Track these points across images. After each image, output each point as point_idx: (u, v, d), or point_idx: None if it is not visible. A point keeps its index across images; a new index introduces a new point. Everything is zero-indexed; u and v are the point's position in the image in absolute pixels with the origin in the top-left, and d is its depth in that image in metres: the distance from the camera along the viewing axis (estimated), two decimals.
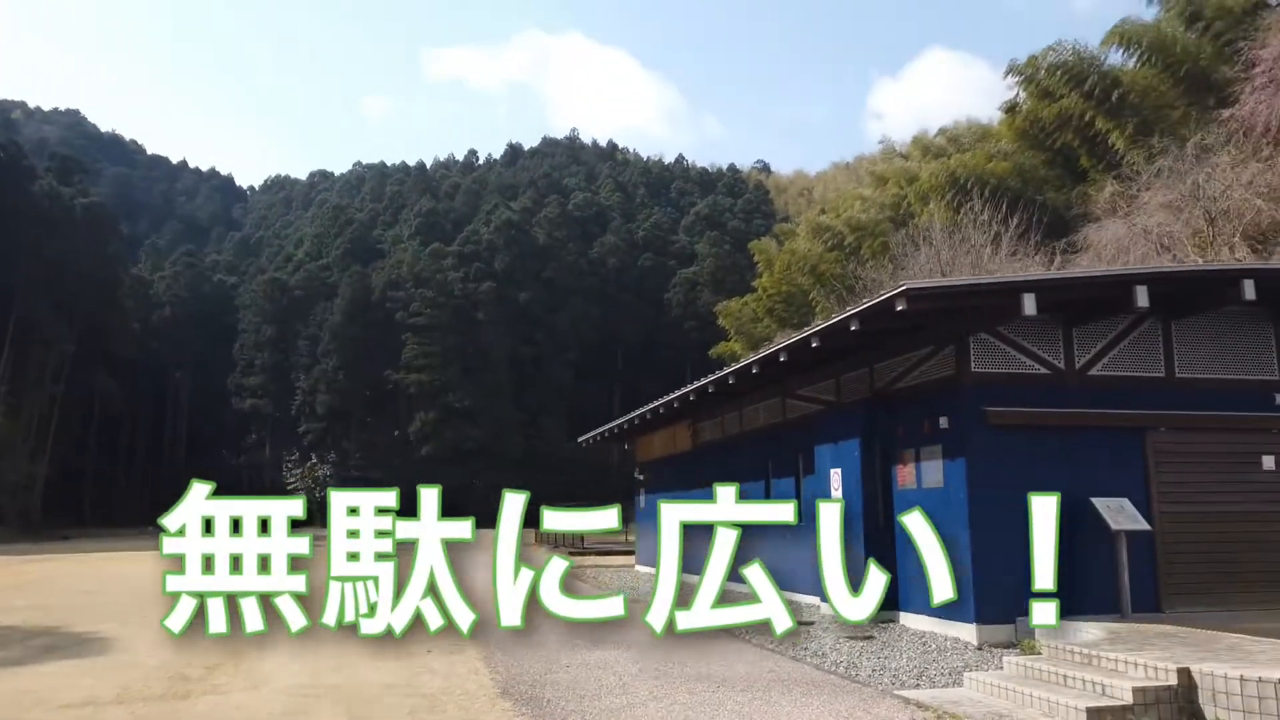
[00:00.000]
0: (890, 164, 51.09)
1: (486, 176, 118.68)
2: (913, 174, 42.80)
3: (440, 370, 78.42)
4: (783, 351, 11.69)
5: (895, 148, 54.83)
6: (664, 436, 21.47)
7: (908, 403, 11.17)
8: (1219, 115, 27.05)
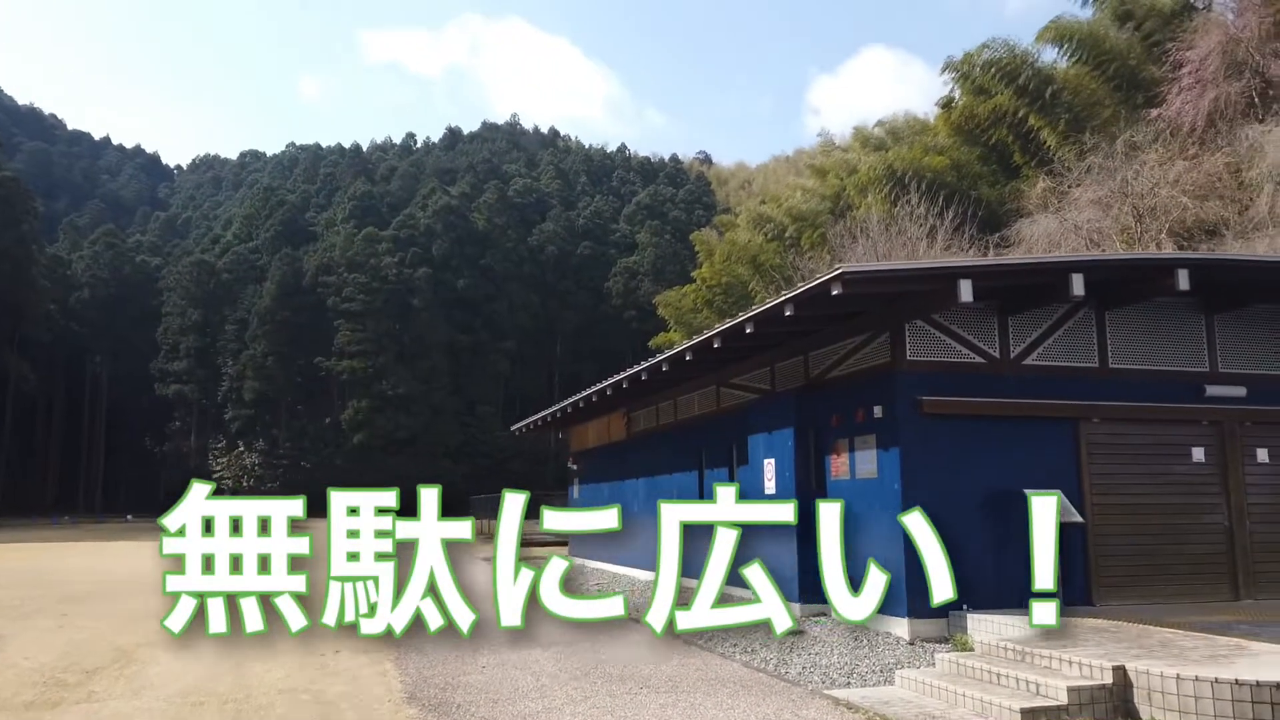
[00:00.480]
0: (830, 156, 51.35)
1: (424, 160, 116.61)
2: (852, 166, 43.00)
3: (374, 357, 76.75)
4: (716, 338, 11.31)
5: (834, 141, 55.18)
6: (598, 426, 21.02)
7: (842, 391, 10.89)
8: (1147, 114, 27.54)
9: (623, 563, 18.70)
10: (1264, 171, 22.90)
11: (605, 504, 19.73)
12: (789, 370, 12.28)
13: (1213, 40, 27.19)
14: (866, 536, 10.15)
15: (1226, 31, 27.39)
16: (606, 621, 7.05)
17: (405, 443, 74.96)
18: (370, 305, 78.40)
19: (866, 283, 8.76)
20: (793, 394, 11.56)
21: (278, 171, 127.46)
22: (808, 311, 9.62)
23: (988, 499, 9.75)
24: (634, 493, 18.20)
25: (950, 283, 8.75)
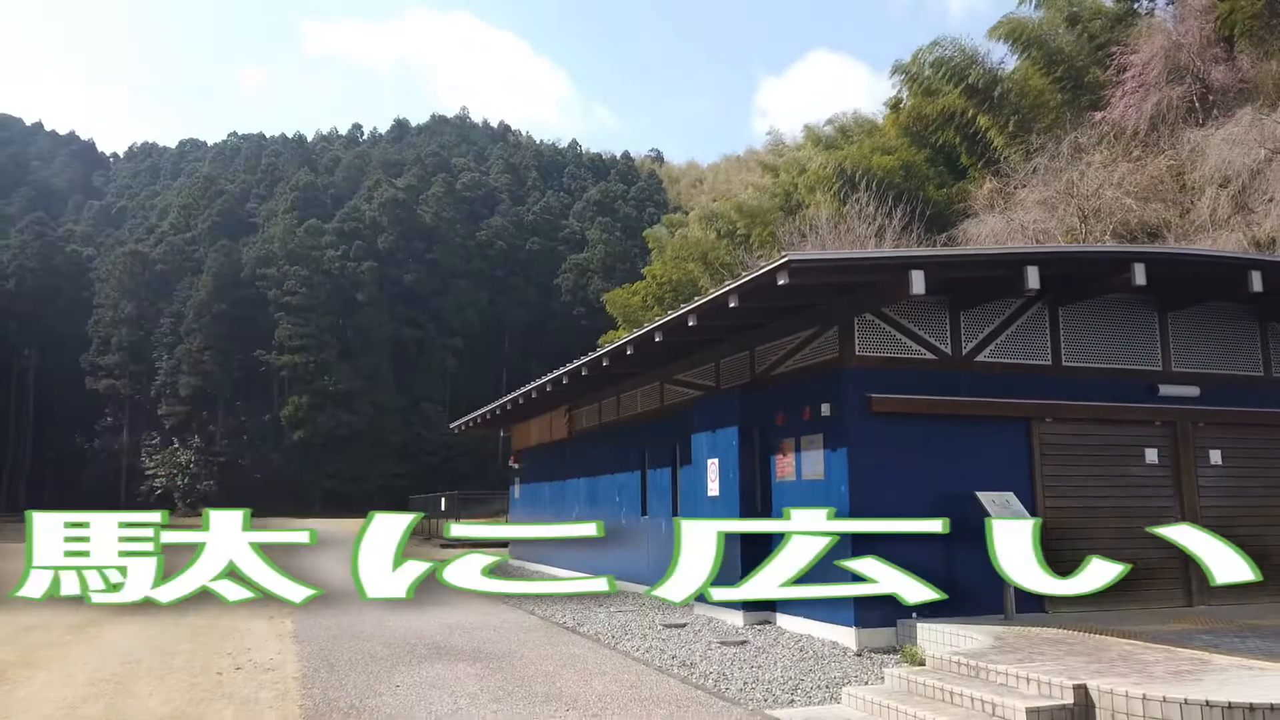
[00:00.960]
0: (781, 155, 51.23)
1: (370, 152, 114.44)
2: (802, 164, 42.83)
3: (315, 352, 74.89)
4: (658, 330, 10.73)
5: (784, 139, 55.12)
6: (541, 423, 20.34)
7: (789, 388, 10.38)
8: (1091, 116, 27.66)
9: (564, 566, 18.05)
10: (1205, 174, 23.04)
11: (546, 505, 19.08)
12: (734, 366, 11.75)
13: (1155, 45, 27.41)
14: None
15: (1169, 37, 27.64)
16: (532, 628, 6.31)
17: (347, 440, 73.29)
18: (312, 299, 76.50)
19: (814, 272, 8.25)
20: (738, 391, 11.04)
21: (219, 161, 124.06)
22: (753, 303, 9.09)
23: (939, 501, 9.29)
24: (575, 494, 17.56)
25: (902, 273, 8.27)
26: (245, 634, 10.62)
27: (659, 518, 13.76)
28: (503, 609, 12.94)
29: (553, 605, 13.35)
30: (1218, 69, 27.41)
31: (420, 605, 14.24)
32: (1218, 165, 22.54)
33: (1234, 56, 27.42)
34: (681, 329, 10.37)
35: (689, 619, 11.23)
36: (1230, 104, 25.43)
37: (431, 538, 33.60)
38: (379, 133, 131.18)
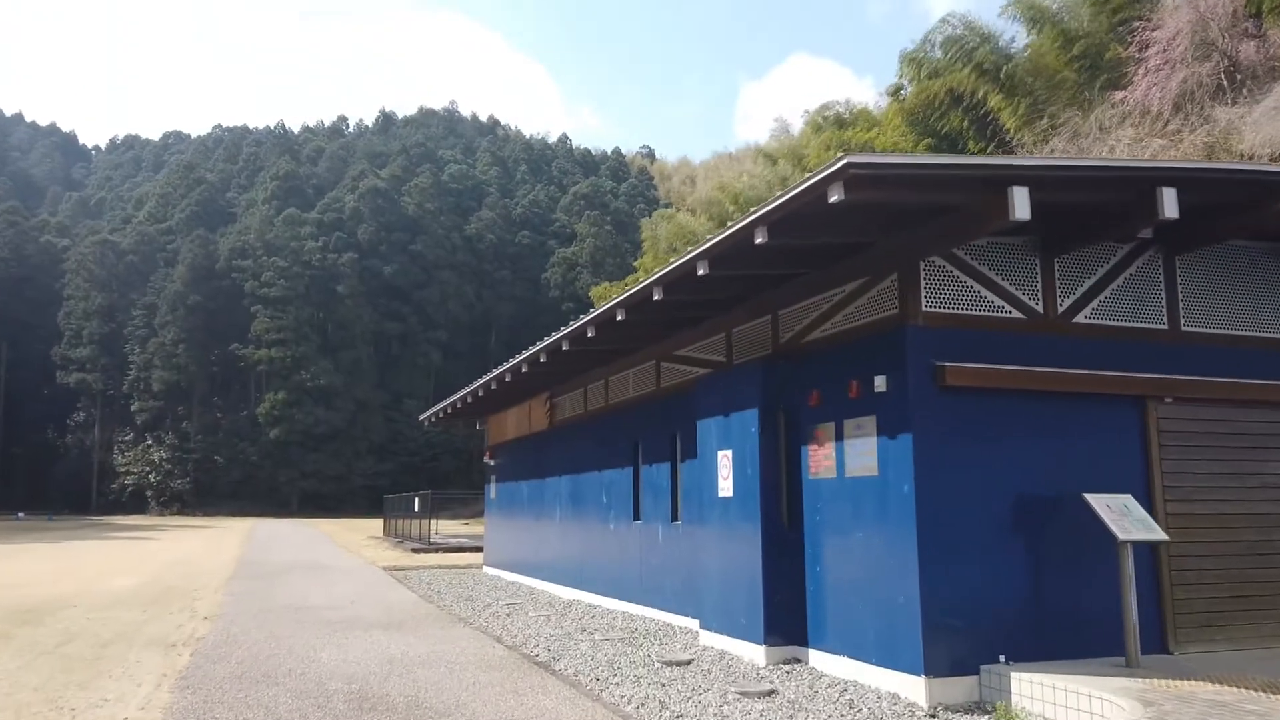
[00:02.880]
0: (781, 143, 49.10)
1: (355, 144, 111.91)
2: (800, 153, 40.66)
3: (294, 346, 72.40)
4: (657, 287, 8.39)
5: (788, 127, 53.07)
6: (518, 414, 17.98)
7: (827, 359, 8.05)
8: (1111, 96, 25.52)
9: (543, 577, 15.69)
10: (1240, 154, 20.92)
11: (525, 506, 16.76)
12: (752, 335, 9.41)
13: (1182, 19, 25.30)
14: (861, 558, 7.33)
15: (1195, 10, 25.56)
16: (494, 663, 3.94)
17: (326, 438, 70.83)
18: (291, 291, 73.98)
19: (882, 184, 5.90)
20: (758, 364, 8.70)
21: (201, 152, 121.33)
22: (786, 239, 6.75)
23: (1026, 505, 7.01)
24: (556, 494, 15.21)
25: (997, 191, 5.96)
26: (123, 673, 8.24)
27: (654, 522, 11.43)
28: (463, 634, 10.59)
29: (526, 629, 11.00)
30: (1247, 45, 25.34)
31: (369, 626, 11.91)
32: (1254, 144, 20.44)
33: (1264, 33, 25.44)
34: (687, 282, 8.04)
35: (693, 652, 8.89)
36: (1262, 81, 23.41)
37: (404, 540, 31.18)
38: (364, 124, 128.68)
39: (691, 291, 8.62)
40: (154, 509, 71.19)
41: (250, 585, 16.60)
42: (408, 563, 22.75)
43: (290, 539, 35.86)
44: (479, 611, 12.88)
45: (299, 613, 12.58)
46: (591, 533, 13.53)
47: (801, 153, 40.80)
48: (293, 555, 25.58)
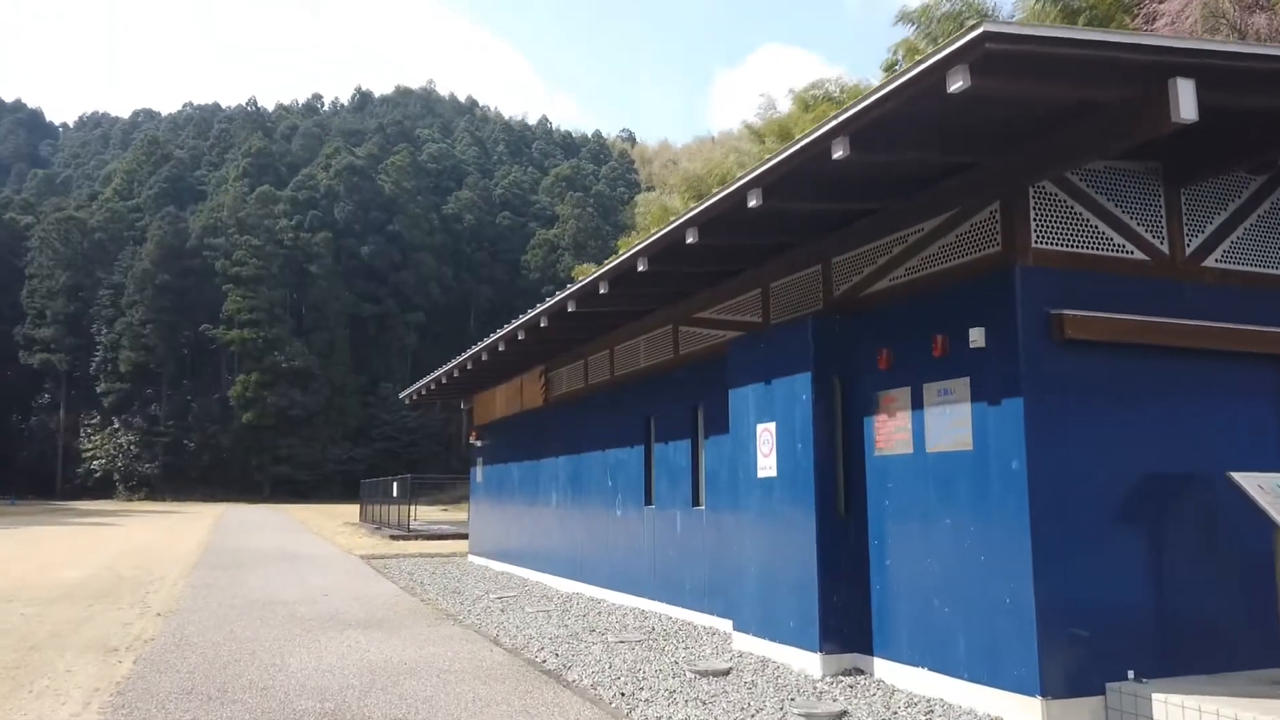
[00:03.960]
0: (769, 121, 47.81)
1: (330, 122, 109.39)
2: (787, 127, 39.34)
3: (267, 327, 70.38)
4: (691, 228, 7.01)
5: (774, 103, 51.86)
6: (508, 391, 16.59)
7: (898, 312, 6.74)
8: None
9: (537, 568, 14.35)
10: None
11: (516, 490, 15.40)
12: (796, 290, 8.08)
13: None
14: (948, 550, 6.04)
15: None
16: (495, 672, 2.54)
17: (300, 422, 68.98)
18: (264, 270, 71.88)
19: (1025, 69, 4.54)
20: (806, 323, 7.35)
21: (171, 129, 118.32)
22: (869, 154, 5.41)
23: (1156, 485, 5.75)
24: (553, 476, 13.85)
25: (1154, 82, 4.64)
26: (46, 686, 6.82)
27: (671, 508, 10.11)
28: (454, 634, 9.24)
29: (525, 627, 9.66)
30: (1258, 18, 24.22)
31: (346, 624, 10.54)
32: None
33: (1274, 6, 24.38)
34: (733, 217, 6.66)
35: (728, 659, 7.59)
36: None
37: (382, 526, 29.73)
38: (340, 103, 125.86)
39: (730, 233, 7.27)
40: (121, 494, 69.11)
41: (214, 576, 15.14)
42: (386, 551, 21.33)
43: (261, 525, 34.30)
44: (468, 606, 11.53)
45: (266, 608, 11.17)
46: (594, 519, 12.20)
47: (790, 130, 39.49)
48: (263, 543, 24.09)
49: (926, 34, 32.21)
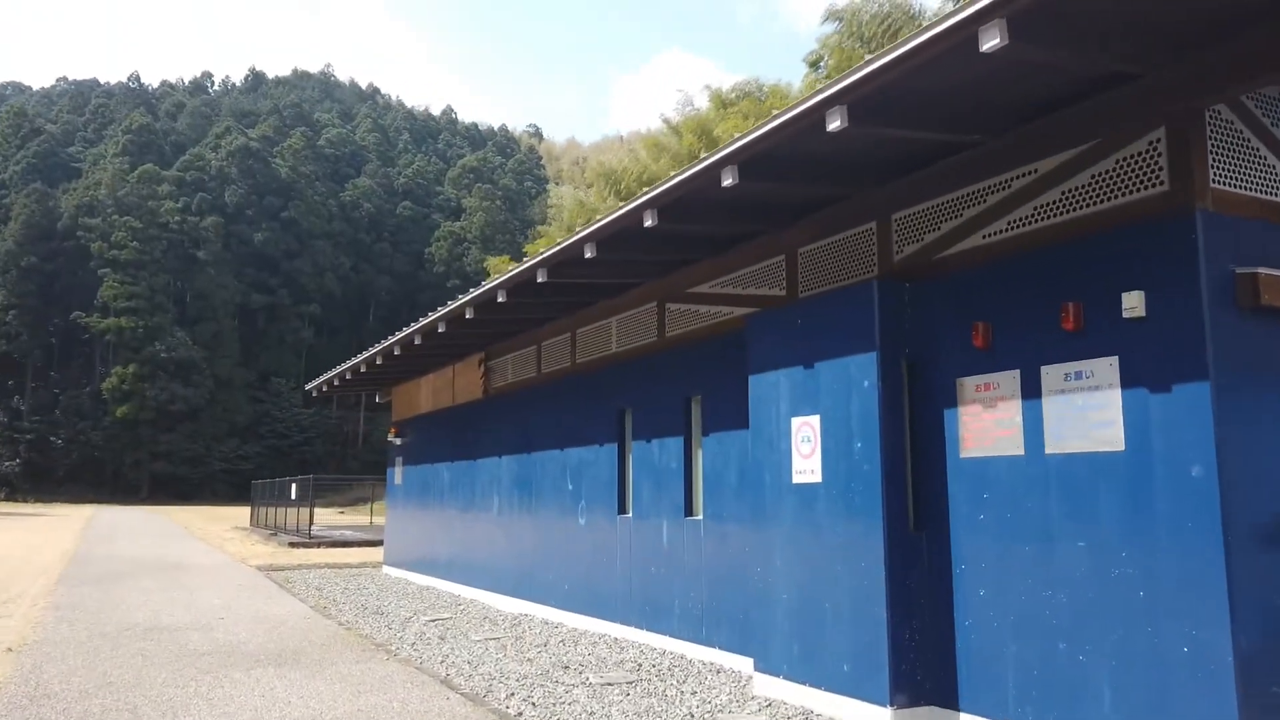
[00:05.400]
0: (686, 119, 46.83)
1: (221, 101, 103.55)
2: (706, 125, 38.38)
3: (147, 315, 65.55)
4: (728, 168, 5.48)
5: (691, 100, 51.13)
6: (437, 381, 14.73)
7: (997, 277, 5.36)
8: None
9: (472, 583, 12.57)
10: None
11: (445, 493, 13.58)
12: (834, 255, 6.63)
13: None
14: (1083, 581, 4.67)
15: None
16: None
17: (182, 417, 64.44)
18: (145, 255, 66.95)
19: None
20: (874, 285, 5.89)
21: (43, 103, 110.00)
22: (1029, 44, 3.99)
23: None
24: (494, 479, 12.10)
25: None
26: None
27: (655, 518, 8.55)
28: (393, 673, 7.47)
29: (478, 662, 7.94)
30: None
31: (252, 660, 8.60)
32: None
33: None
34: (803, 141, 5.16)
35: (757, 709, 6.08)
36: None
37: (278, 532, 27.17)
38: (231, 82, 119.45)
39: (780, 174, 5.77)
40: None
41: (83, 593, 12.81)
42: (286, 560, 19.07)
43: (139, 531, 31.11)
44: (398, 632, 9.73)
45: (149, 637, 9.12)
46: (549, 529, 10.54)
47: (710, 128, 38.48)
48: (141, 550, 21.41)
49: (853, 33, 31.53)
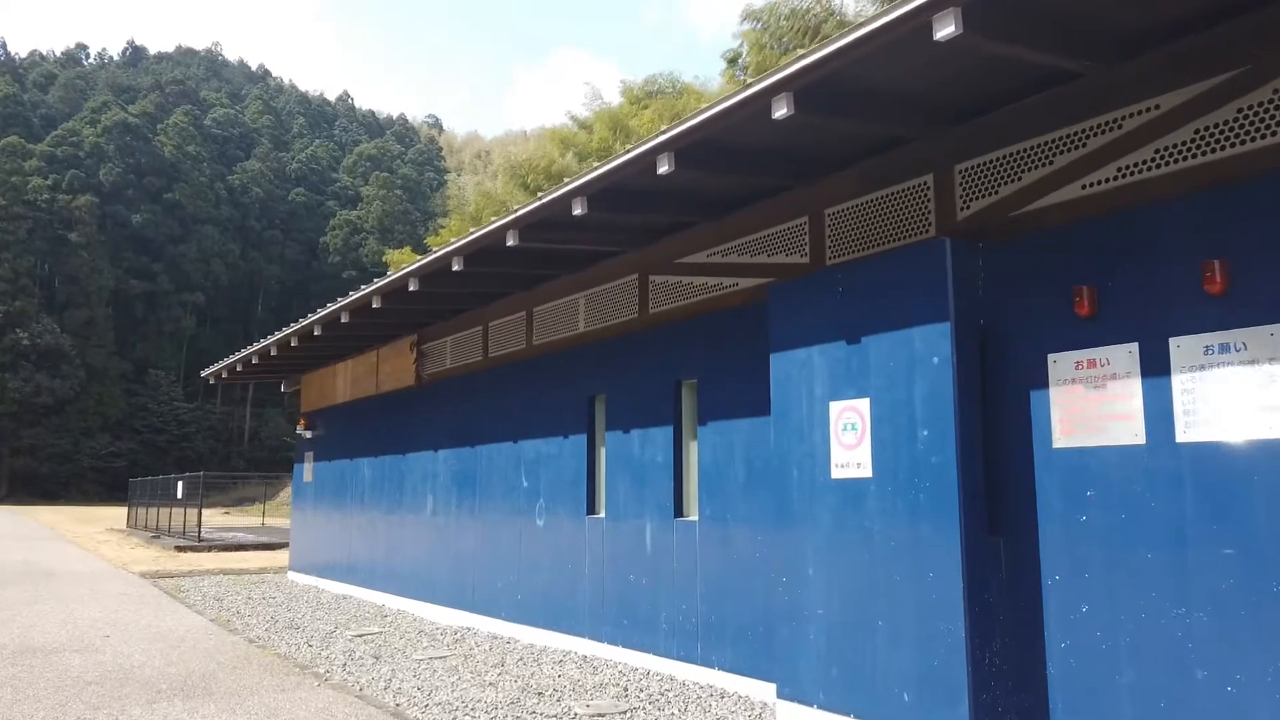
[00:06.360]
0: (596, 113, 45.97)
1: (96, 75, 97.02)
2: (620, 120, 37.57)
3: (9, 299, 60.49)
4: (783, 96, 4.52)
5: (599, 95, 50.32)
6: (358, 368, 13.30)
7: (1105, 233, 4.53)
8: None
9: (400, 591, 11.25)
10: None
11: (366, 491, 12.24)
12: (876, 214, 5.73)
13: None
14: (1236, 598, 3.87)
15: None
16: None
17: (48, 410, 59.71)
18: (9, 235, 61.79)
19: None
20: (946, 243, 4.99)
21: None
22: None
23: None
24: (429, 475, 10.83)
25: None
26: None
27: (636, 519, 7.51)
28: (331, 703, 6.24)
29: (431, 688, 6.74)
30: None
31: (153, 692, 7.13)
32: None
33: None
34: (875, 66, 4.24)
35: None
36: None
37: (161, 534, 24.88)
38: (109, 55, 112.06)
39: (837, 107, 4.84)
40: None
41: None
42: (174, 566, 17.18)
43: (0, 532, 28.13)
44: (321, 650, 8.43)
45: (18, 662, 7.57)
46: (498, 531, 9.36)
47: (624, 123, 37.67)
48: (2, 555, 19.06)
49: (770, 31, 31.11)
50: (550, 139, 52.45)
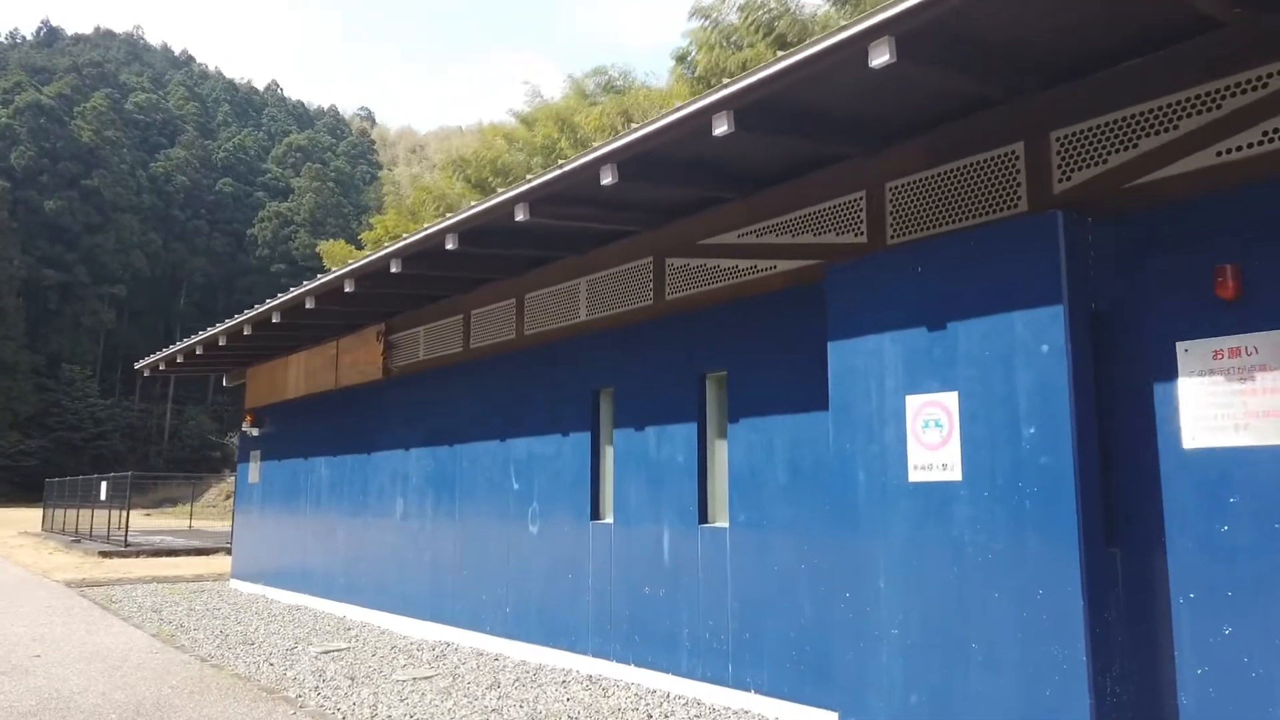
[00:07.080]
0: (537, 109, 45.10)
1: (8, 55, 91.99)
2: (565, 116, 36.81)
3: None
4: (883, 41, 3.88)
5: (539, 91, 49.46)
6: (314, 361, 12.32)
7: (1245, 208, 4.03)
8: None
9: (364, 602, 10.34)
10: None
11: (324, 493, 11.29)
12: (951, 188, 5.15)
13: None
14: None
15: None
16: None
17: None
18: None
19: None
20: (1059, 216, 4.40)
21: None
22: None
23: None
24: (399, 475, 9.95)
25: None
26: None
27: (652, 524, 6.81)
28: None
29: (433, 715, 5.96)
30: None
31: None
32: None
33: None
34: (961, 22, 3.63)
35: None
36: None
37: (83, 539, 23.24)
38: (21, 35, 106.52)
39: (926, 55, 4.24)
40: None
41: None
42: (101, 574, 15.84)
43: None
44: (286, 669, 7.56)
45: None
46: (483, 538, 8.56)
47: (569, 119, 36.91)
48: None
49: (718, 29, 30.64)
50: (491, 134, 51.31)
